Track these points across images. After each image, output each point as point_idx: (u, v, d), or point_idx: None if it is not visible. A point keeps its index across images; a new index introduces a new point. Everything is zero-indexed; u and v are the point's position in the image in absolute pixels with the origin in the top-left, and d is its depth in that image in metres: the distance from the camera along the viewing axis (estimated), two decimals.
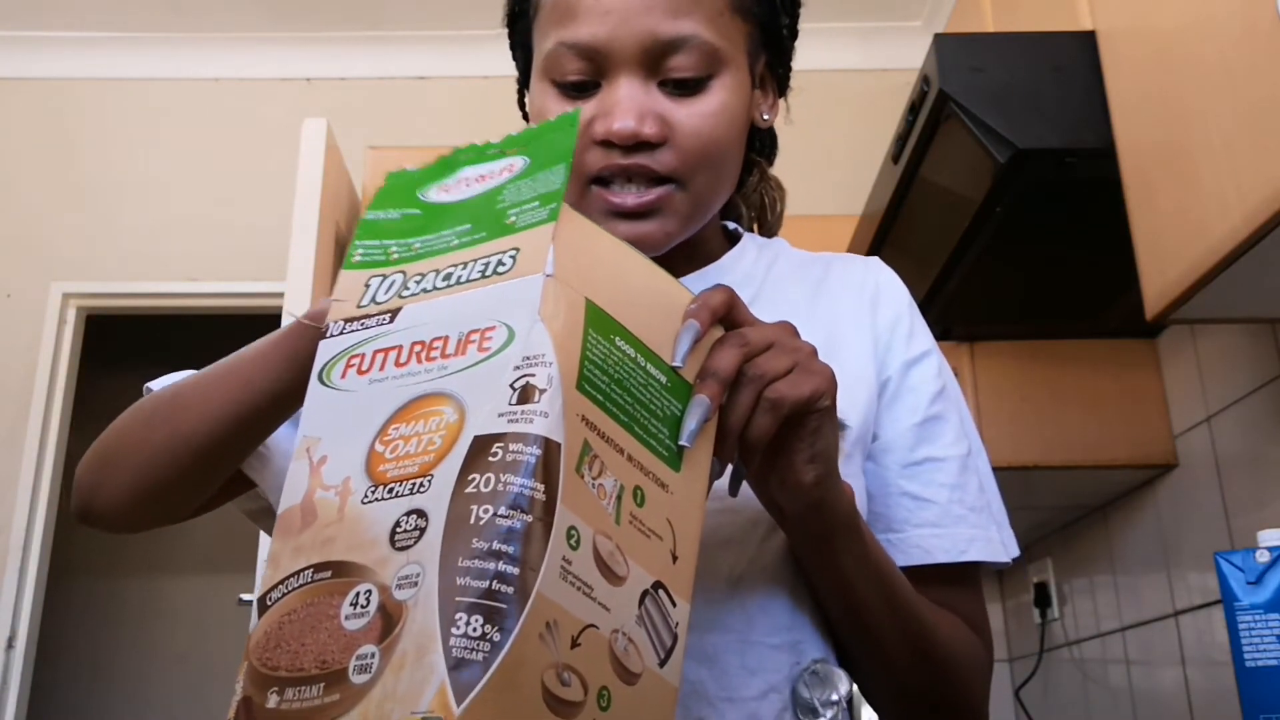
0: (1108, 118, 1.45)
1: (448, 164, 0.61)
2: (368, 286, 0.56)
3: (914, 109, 1.65)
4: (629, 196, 0.74)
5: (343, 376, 0.54)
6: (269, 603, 0.49)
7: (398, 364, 0.52)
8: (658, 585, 0.52)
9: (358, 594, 0.46)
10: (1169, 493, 1.98)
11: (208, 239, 3.12)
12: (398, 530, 0.47)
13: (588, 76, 0.74)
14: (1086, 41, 1.51)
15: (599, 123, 0.73)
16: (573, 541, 0.47)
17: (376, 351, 0.53)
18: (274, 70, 3.26)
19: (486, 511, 0.45)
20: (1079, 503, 2.25)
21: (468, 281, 0.53)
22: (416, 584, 0.45)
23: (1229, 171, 1.15)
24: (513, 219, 0.54)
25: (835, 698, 0.71)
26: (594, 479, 0.49)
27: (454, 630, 0.43)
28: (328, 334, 0.56)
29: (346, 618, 0.46)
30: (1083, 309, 1.96)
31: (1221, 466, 1.79)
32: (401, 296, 0.55)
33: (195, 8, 3.14)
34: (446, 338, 0.51)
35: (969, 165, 1.55)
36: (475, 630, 0.43)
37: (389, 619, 0.45)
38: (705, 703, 0.69)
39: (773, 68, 0.84)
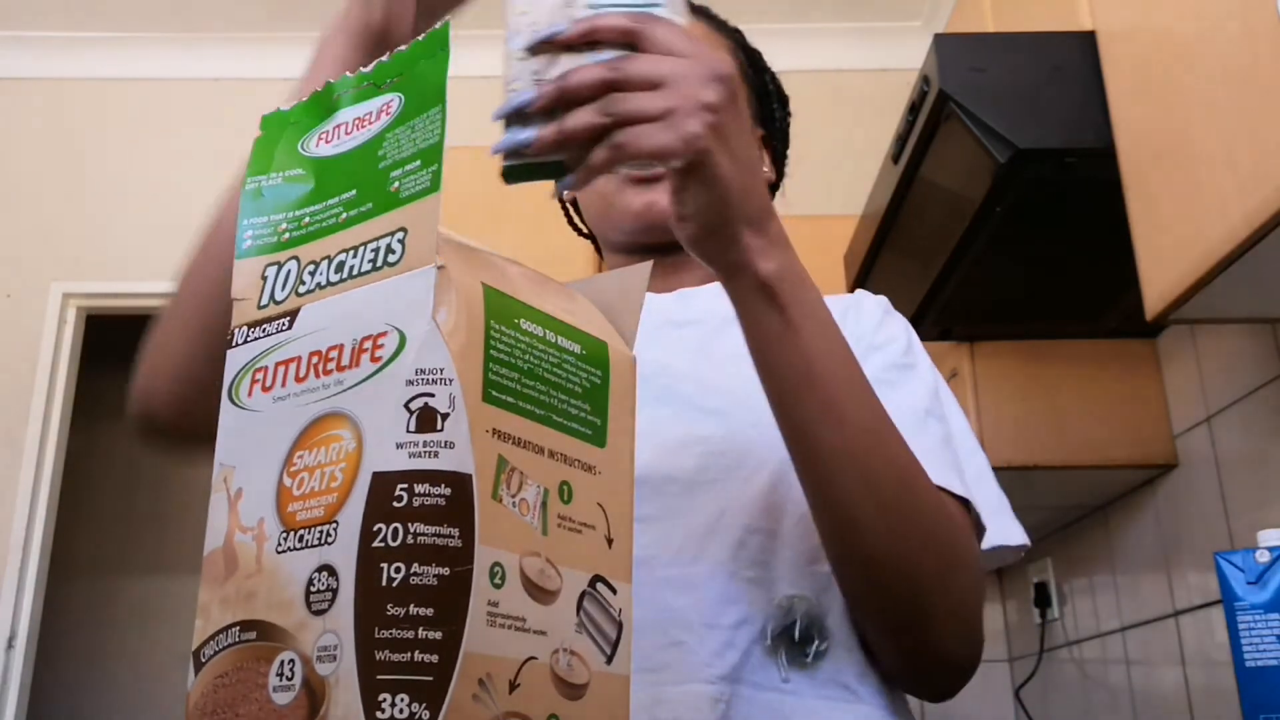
0: (1108, 118, 1.45)
1: (325, 103, 0.56)
2: (264, 279, 0.53)
3: (914, 109, 1.65)
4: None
5: (249, 394, 0.50)
6: (203, 659, 0.48)
7: (298, 378, 0.49)
8: (595, 580, 0.50)
9: (282, 663, 0.44)
10: (1169, 493, 1.98)
11: None
12: (311, 590, 0.44)
13: None
14: (1086, 41, 1.51)
15: None
16: (497, 580, 0.44)
17: (278, 364, 0.50)
18: (274, 70, 3.25)
19: (398, 571, 0.42)
20: (1079, 503, 2.25)
21: (360, 274, 0.49)
22: (336, 658, 0.43)
23: (1229, 171, 1.15)
24: (396, 185, 0.50)
25: (808, 630, 0.73)
26: (514, 496, 0.46)
27: (379, 714, 0.41)
28: (233, 343, 0.52)
29: (274, 689, 0.44)
30: (1083, 309, 1.96)
31: (1221, 466, 1.79)
32: (299, 294, 0.51)
33: (195, 8, 3.14)
34: (341, 346, 0.48)
35: (969, 165, 1.55)
36: (402, 712, 0.41)
37: (314, 695, 0.43)
38: (685, 628, 0.72)
39: (767, 142, 0.96)
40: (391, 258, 0.48)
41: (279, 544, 0.46)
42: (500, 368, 0.47)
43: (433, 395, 0.45)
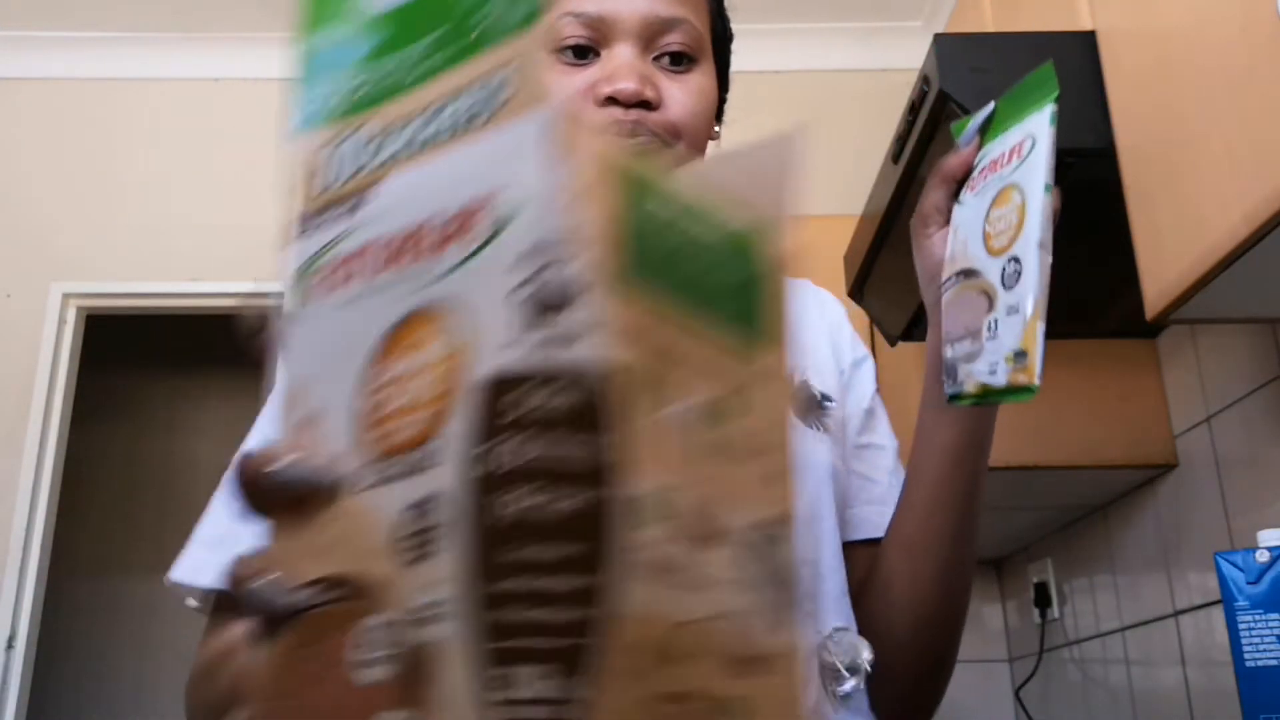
0: (1108, 118, 1.45)
1: None
2: (331, 154, 0.41)
3: (914, 109, 1.65)
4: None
5: (315, 297, 0.40)
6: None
7: (374, 272, 0.38)
8: (762, 524, 0.37)
9: (370, 629, 0.34)
10: (1169, 493, 1.98)
11: (208, 239, 3.12)
12: (404, 535, 0.34)
13: (588, 43, 0.81)
14: (1086, 41, 1.51)
15: (603, 85, 0.79)
16: (647, 516, 0.33)
17: (347, 258, 0.39)
18: (274, 70, 3.26)
19: (516, 503, 0.32)
20: (1079, 503, 2.25)
21: (452, 134, 0.37)
22: (440, 619, 0.33)
23: (1229, 172, 1.15)
24: (487, 19, 0.37)
25: (860, 661, 0.76)
26: (659, 410, 0.34)
27: (494, 695, 0.31)
28: (293, 237, 0.42)
29: (360, 663, 0.34)
30: (1083, 309, 1.96)
31: (1221, 466, 1.79)
32: (374, 169, 0.40)
33: (195, 8, 3.15)
34: (431, 224, 0.37)
35: None
36: (528, 688, 0.31)
37: (413, 668, 0.33)
38: None
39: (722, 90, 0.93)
40: (491, 109, 0.36)
41: (361, 479, 0.36)
42: (639, 241, 0.35)
43: (556, 275, 0.33)
